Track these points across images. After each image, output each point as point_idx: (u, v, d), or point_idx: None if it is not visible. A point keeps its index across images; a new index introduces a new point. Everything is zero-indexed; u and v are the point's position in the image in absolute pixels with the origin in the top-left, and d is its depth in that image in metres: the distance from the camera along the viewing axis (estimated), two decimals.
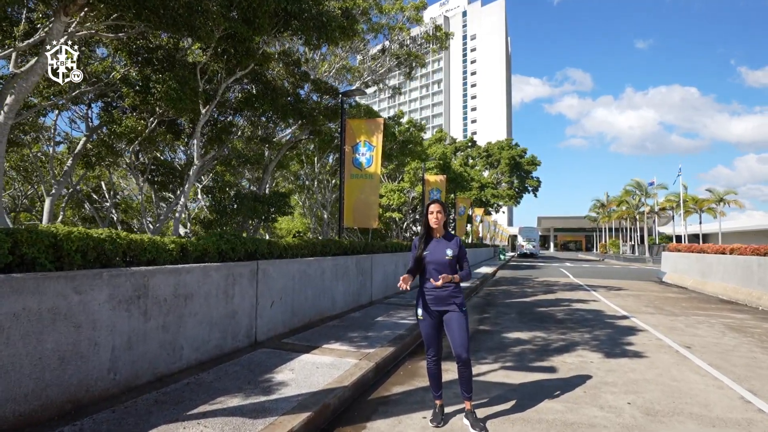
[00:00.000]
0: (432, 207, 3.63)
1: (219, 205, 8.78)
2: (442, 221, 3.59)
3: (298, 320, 6.31)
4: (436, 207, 3.61)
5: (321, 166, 14.61)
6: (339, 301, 7.67)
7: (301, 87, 9.29)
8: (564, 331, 7.19)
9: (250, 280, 5.24)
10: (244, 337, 5.13)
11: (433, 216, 3.57)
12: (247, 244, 5.46)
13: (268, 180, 10.48)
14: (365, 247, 9.32)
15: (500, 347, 6.06)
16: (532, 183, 42.13)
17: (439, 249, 3.53)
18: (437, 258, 3.50)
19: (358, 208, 10.08)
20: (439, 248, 3.54)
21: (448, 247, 3.54)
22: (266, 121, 8.51)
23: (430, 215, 3.60)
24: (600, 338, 6.68)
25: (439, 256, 3.50)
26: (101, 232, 3.71)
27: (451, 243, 3.57)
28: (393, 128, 15.17)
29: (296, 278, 6.30)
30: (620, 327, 7.59)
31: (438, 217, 3.57)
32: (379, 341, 5.66)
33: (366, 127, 9.77)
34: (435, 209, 3.59)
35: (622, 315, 8.88)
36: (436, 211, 3.58)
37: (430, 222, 3.58)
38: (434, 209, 3.59)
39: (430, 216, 3.59)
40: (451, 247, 3.54)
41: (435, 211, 3.58)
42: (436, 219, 3.56)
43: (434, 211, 3.58)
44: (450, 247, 3.54)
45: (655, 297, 12.19)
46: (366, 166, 9.89)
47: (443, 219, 3.61)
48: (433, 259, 3.51)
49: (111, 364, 3.45)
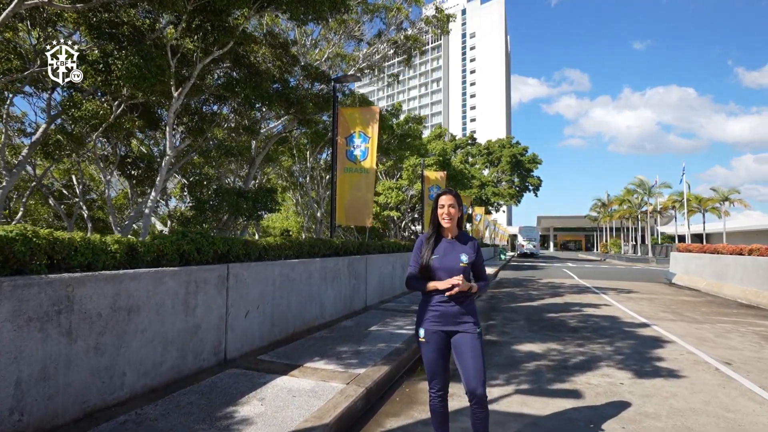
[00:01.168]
0: (443, 199, 2.81)
1: (198, 201, 7.96)
2: (455, 218, 2.80)
3: (279, 332, 5.49)
4: (448, 199, 2.80)
5: (314, 161, 13.79)
6: (328, 308, 6.86)
7: (289, 72, 8.47)
8: (581, 342, 6.39)
9: (218, 287, 4.43)
10: (211, 355, 4.31)
11: (444, 210, 2.77)
12: (217, 245, 4.65)
13: (254, 174, 9.67)
14: (359, 248, 8.51)
15: (512, 363, 5.26)
16: (533, 182, 41.33)
17: (451, 253, 2.74)
18: (449, 264, 2.70)
19: (351, 205, 9.26)
20: (451, 252, 2.74)
21: (463, 251, 2.74)
22: (250, 108, 7.70)
23: (440, 209, 2.79)
24: (624, 351, 5.88)
25: (452, 263, 2.70)
26: (11, 229, 2.89)
27: (466, 246, 2.78)
28: (390, 121, 14.41)
29: (277, 283, 5.49)
30: (643, 337, 6.79)
31: (450, 212, 2.77)
32: (372, 357, 4.85)
33: (360, 117, 8.95)
34: (446, 201, 2.79)
35: (641, 322, 8.08)
36: (447, 204, 2.78)
37: (441, 218, 2.78)
38: (445, 201, 2.79)
39: (440, 210, 2.79)
40: (466, 252, 2.74)
41: (446, 204, 2.78)
42: (449, 214, 2.76)
43: (445, 204, 2.78)
44: (465, 251, 2.75)
45: (670, 301, 11.42)
46: (361, 159, 9.08)
47: (457, 215, 2.81)
48: (443, 266, 2.71)
49: (15, 402, 2.63)
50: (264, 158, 11.32)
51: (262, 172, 14.48)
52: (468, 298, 2.74)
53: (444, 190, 2.88)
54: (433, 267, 2.71)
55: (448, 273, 2.68)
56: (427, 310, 2.76)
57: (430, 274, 2.73)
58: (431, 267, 2.72)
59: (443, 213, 2.76)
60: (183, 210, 9.06)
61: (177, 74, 6.48)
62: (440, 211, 2.78)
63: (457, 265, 2.68)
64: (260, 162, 10.20)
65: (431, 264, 2.72)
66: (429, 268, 2.72)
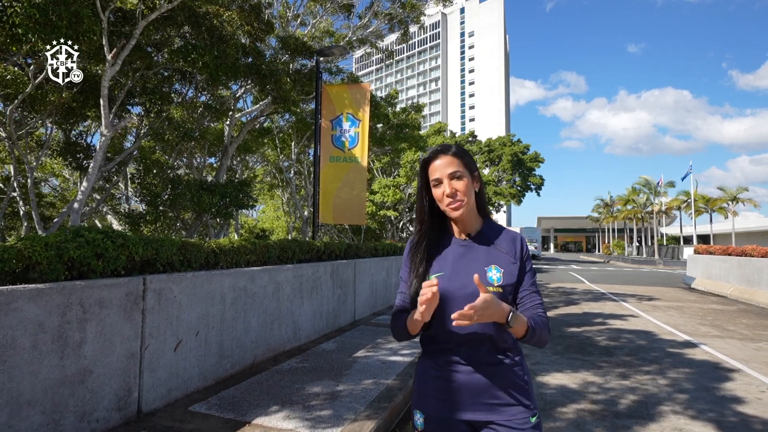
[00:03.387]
0: (438, 164, 1.43)
1: (151, 195, 6.60)
2: (470, 195, 1.42)
3: (230, 365, 4.12)
4: (447, 163, 1.42)
5: (301, 153, 12.41)
6: (305, 327, 5.49)
7: (262, 41, 7.11)
8: (623, 371, 5.03)
9: (126, 310, 3.06)
10: (111, 412, 2.94)
11: (444, 187, 1.41)
12: (133, 248, 3.28)
13: (230, 166, 8.34)
14: (347, 250, 7.14)
15: (543, 408, 3.90)
16: (536, 181, 39.96)
17: (468, 266, 1.42)
18: (462, 288, 1.39)
19: (340, 200, 7.89)
20: (468, 265, 1.42)
21: (493, 259, 1.43)
22: (213, 81, 6.34)
23: (436, 188, 1.43)
24: (683, 386, 4.53)
25: (469, 286, 1.37)
26: None
27: (498, 249, 1.45)
28: (386, 110, 13.09)
29: (229, 300, 4.12)
30: (697, 363, 5.44)
31: (457, 188, 1.40)
32: (353, 404, 3.49)
33: (349, 96, 7.58)
34: (446, 168, 1.41)
35: (684, 340, 6.74)
36: (449, 173, 1.40)
37: (443, 204, 1.42)
38: (444, 169, 1.41)
39: (436, 190, 1.43)
40: (499, 261, 1.42)
41: (446, 175, 1.40)
42: (455, 193, 1.40)
43: (444, 174, 1.41)
44: (496, 259, 1.43)
45: (701, 310, 10.09)
46: (350, 147, 7.71)
47: (472, 190, 1.44)
48: (454, 289, 1.38)
49: None
50: (242, 148, 9.95)
51: (245, 167, 13.09)
52: (506, 349, 1.41)
53: (437, 148, 1.47)
54: None
55: (462, 305, 1.28)
56: (426, 376, 1.43)
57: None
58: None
59: (444, 193, 1.39)
60: (133, 206, 7.69)
61: (113, 32, 5.13)
62: (436, 192, 1.42)
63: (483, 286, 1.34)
64: (234, 151, 8.85)
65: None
66: None
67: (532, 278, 1.48)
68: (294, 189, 12.69)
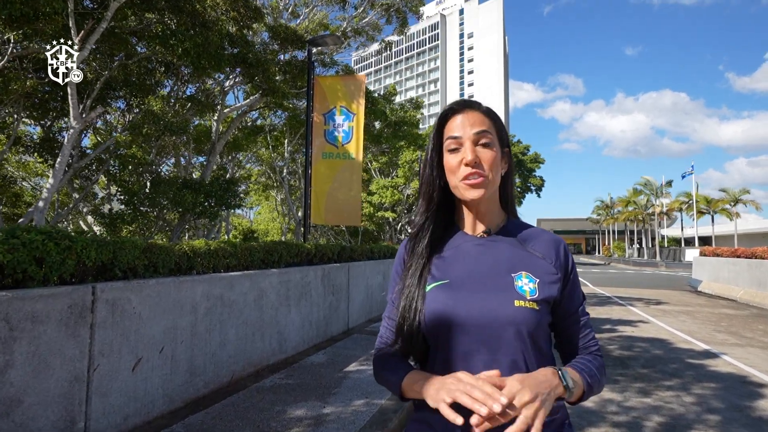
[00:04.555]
0: (460, 119, 0.94)
1: (128, 193, 6.12)
2: (494, 176, 0.93)
3: (202, 384, 3.64)
4: (473, 119, 0.93)
5: (295, 151, 11.92)
6: (292, 337, 5.01)
7: (249, 28, 6.64)
8: (643, 386, 4.56)
9: (69, 325, 2.58)
10: None
11: (458, 155, 0.93)
12: (85, 251, 2.80)
13: (214, 163, 7.83)
14: (340, 253, 6.67)
15: None
16: (536, 182, 39.56)
17: (488, 273, 0.94)
18: (479, 307, 0.90)
19: (333, 200, 7.42)
20: (489, 271, 0.94)
21: (525, 264, 0.94)
22: (195, 71, 5.87)
23: (451, 153, 0.94)
24: (713, 405, 4.06)
25: (492, 301, 0.89)
26: None
27: (535, 250, 0.98)
28: (384, 107, 12.62)
29: (202, 310, 3.64)
30: (722, 377, 4.97)
31: (482, 157, 0.91)
32: (341, 431, 3.01)
33: (343, 88, 7.12)
34: (472, 129, 0.92)
35: (703, 350, 6.27)
36: (473, 133, 0.92)
37: (457, 179, 0.93)
38: (469, 128, 0.92)
39: (451, 156, 0.94)
40: (531, 266, 0.94)
41: (470, 136, 0.92)
42: (477, 163, 0.91)
43: (466, 134, 0.92)
44: (529, 264, 0.95)
45: (713, 315, 9.64)
46: (343, 142, 7.25)
47: (500, 167, 0.96)
48: (463, 314, 0.89)
49: None
50: (232, 146, 9.47)
51: (238, 166, 12.62)
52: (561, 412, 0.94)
53: (462, 100, 1.00)
54: (435, 318, 0.91)
55: (478, 335, 0.88)
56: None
57: (428, 340, 0.96)
58: (430, 319, 0.92)
59: (463, 160, 0.92)
60: (102, 206, 7.21)
61: (84, 14, 4.66)
62: (451, 159, 0.95)
63: (508, 305, 0.89)
64: (224, 149, 8.38)
65: (431, 311, 0.93)
66: (421, 325, 0.94)
67: (582, 301, 1.01)
68: (287, 189, 12.21)
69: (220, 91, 7.58)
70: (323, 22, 9.54)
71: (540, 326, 0.91)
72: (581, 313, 1.00)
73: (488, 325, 0.88)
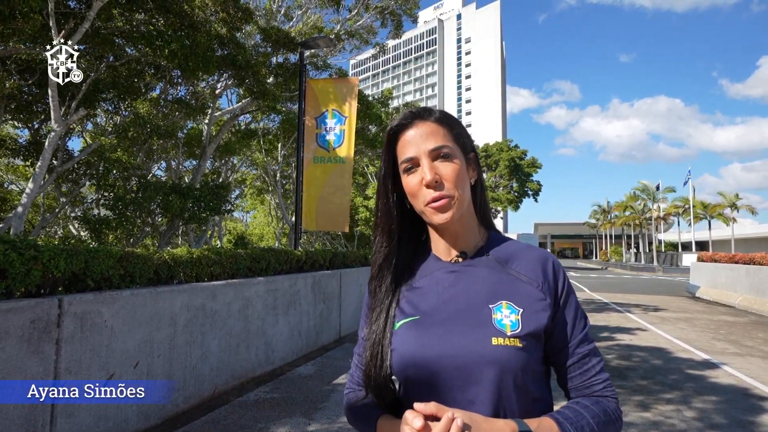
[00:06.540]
0: (412, 135, 0.81)
1: (115, 198, 5.95)
2: (462, 192, 0.79)
3: (182, 399, 3.47)
4: (426, 134, 0.80)
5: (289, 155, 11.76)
6: (280, 348, 4.84)
7: (238, 29, 6.51)
8: (642, 399, 4.42)
9: (32, 341, 2.42)
10: None
11: (416, 176, 0.79)
12: (53, 261, 2.64)
13: (205, 167, 7.69)
14: (332, 260, 6.51)
15: None
16: (533, 186, 39.52)
17: (463, 299, 0.80)
18: (451, 346, 0.77)
19: (324, 205, 7.27)
20: (463, 297, 0.81)
21: (506, 293, 0.80)
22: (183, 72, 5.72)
23: (407, 176, 0.81)
24: (714, 419, 3.91)
25: (465, 337, 0.76)
26: None
27: (518, 272, 0.84)
28: (379, 110, 12.49)
29: (182, 321, 3.48)
30: (723, 389, 4.82)
31: (443, 174, 0.78)
32: None
33: (335, 91, 6.99)
34: (426, 144, 0.79)
35: (702, 360, 6.13)
36: (428, 151, 0.79)
37: (421, 203, 0.80)
38: (423, 143, 0.79)
39: (408, 176, 0.81)
40: (518, 292, 0.81)
41: (425, 153, 0.79)
42: (435, 181, 0.77)
43: (423, 152, 0.79)
44: (514, 289, 0.81)
45: (711, 322, 9.53)
46: (335, 146, 7.11)
47: (462, 180, 0.80)
48: (437, 350, 0.77)
49: None
50: (224, 150, 9.32)
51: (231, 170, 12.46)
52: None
53: (412, 110, 0.84)
54: (404, 362, 0.79)
55: (452, 379, 0.76)
56: None
57: (399, 386, 0.85)
58: (398, 363, 0.80)
59: (423, 181, 0.78)
60: (91, 211, 7.03)
61: (66, 13, 4.51)
62: (410, 181, 0.81)
63: (485, 344, 0.76)
64: (217, 153, 8.23)
65: (399, 354, 0.80)
66: (390, 372, 0.81)
67: (583, 327, 0.86)
68: (281, 194, 12.06)
69: (211, 94, 7.44)
70: (317, 25, 9.41)
71: (526, 366, 0.77)
72: (580, 343, 0.85)
73: (463, 368, 0.75)
